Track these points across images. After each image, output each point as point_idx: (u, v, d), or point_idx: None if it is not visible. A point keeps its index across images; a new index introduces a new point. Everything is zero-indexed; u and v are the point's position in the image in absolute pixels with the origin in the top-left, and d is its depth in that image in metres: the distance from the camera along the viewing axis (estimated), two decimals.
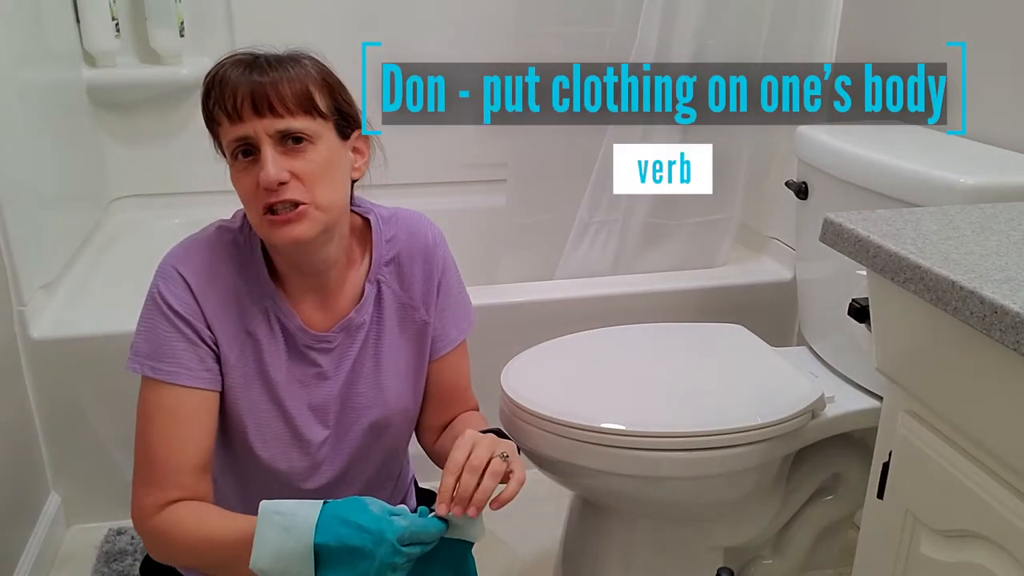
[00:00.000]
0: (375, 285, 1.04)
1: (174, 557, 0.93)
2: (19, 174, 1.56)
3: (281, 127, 0.90)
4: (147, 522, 0.92)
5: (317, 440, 1.03)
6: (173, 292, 0.94)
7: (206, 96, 0.93)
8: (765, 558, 1.56)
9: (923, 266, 0.78)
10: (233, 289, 0.97)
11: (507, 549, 1.71)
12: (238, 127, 0.90)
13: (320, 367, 1.01)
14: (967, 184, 1.20)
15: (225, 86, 0.91)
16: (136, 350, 0.94)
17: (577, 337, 1.52)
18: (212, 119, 0.93)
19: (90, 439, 1.67)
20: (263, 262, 0.99)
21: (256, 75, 0.91)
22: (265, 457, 1.01)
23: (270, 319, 0.99)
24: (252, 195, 0.92)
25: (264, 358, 0.98)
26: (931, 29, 1.55)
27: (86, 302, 1.73)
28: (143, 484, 0.93)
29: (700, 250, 2.03)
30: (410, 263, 1.06)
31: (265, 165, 0.89)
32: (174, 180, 2.20)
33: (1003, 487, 0.75)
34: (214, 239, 0.99)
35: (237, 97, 0.90)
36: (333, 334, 1.01)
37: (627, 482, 1.29)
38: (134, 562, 1.62)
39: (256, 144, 0.91)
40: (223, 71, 0.92)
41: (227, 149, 0.93)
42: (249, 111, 0.90)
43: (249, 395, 0.99)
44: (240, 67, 0.92)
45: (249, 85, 0.90)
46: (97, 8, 1.96)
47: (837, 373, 1.51)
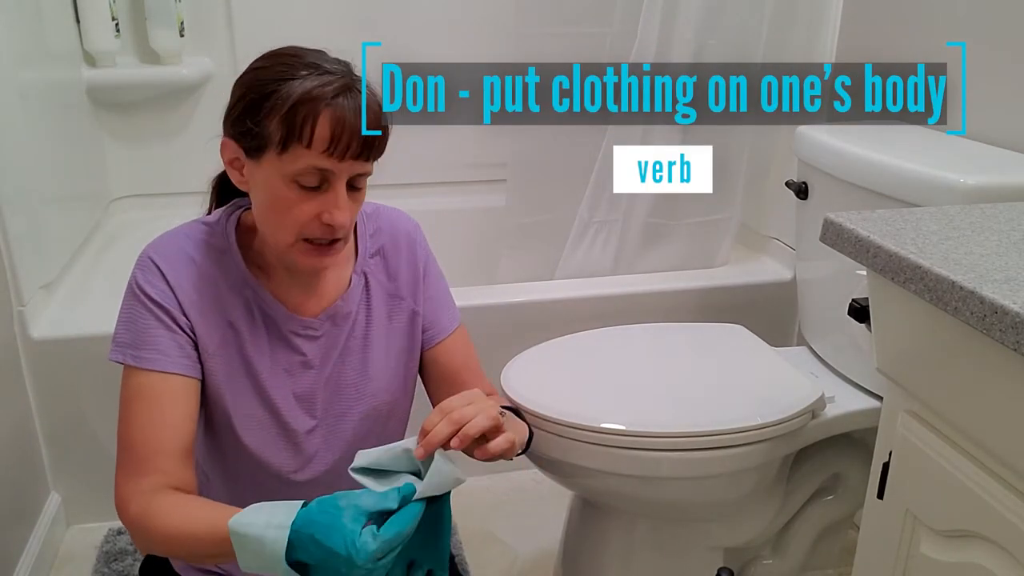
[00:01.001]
0: (362, 276, 1.05)
1: (158, 549, 0.92)
2: (19, 174, 1.56)
3: (361, 171, 0.91)
4: (130, 510, 0.90)
5: (303, 430, 1.03)
6: (149, 281, 0.94)
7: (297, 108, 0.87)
8: (765, 558, 1.56)
9: (923, 266, 0.78)
10: (210, 278, 0.97)
11: (507, 549, 1.71)
12: (327, 160, 0.88)
13: (304, 355, 1.02)
14: (967, 184, 1.20)
15: (338, 116, 0.87)
16: (117, 340, 0.95)
17: (577, 337, 1.52)
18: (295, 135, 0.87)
19: (90, 439, 1.67)
20: (239, 255, 0.99)
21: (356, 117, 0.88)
22: (252, 447, 1.01)
23: (251, 309, 0.99)
24: (303, 222, 0.90)
25: (246, 348, 0.99)
26: (931, 29, 1.55)
27: (86, 302, 1.73)
28: (124, 472, 0.92)
29: (700, 250, 2.03)
30: (395, 255, 1.07)
31: (341, 207, 0.90)
32: (174, 180, 2.19)
33: (1003, 487, 0.75)
34: (189, 232, 0.99)
35: (347, 134, 0.87)
36: (319, 322, 1.02)
37: (627, 482, 1.29)
38: (134, 562, 1.62)
39: (330, 179, 0.89)
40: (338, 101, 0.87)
41: (294, 171, 0.88)
42: (354, 154, 0.88)
43: (233, 385, 0.99)
44: (345, 95, 0.88)
45: (356, 126, 0.88)
46: (97, 8, 1.96)
47: (837, 373, 1.52)
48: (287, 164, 0.88)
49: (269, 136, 0.88)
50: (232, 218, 1.01)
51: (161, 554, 0.97)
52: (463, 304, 1.14)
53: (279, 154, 0.88)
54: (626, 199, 1.94)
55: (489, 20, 2.19)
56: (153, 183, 2.19)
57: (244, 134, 0.90)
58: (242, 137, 0.91)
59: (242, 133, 0.91)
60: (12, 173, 1.53)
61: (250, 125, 0.89)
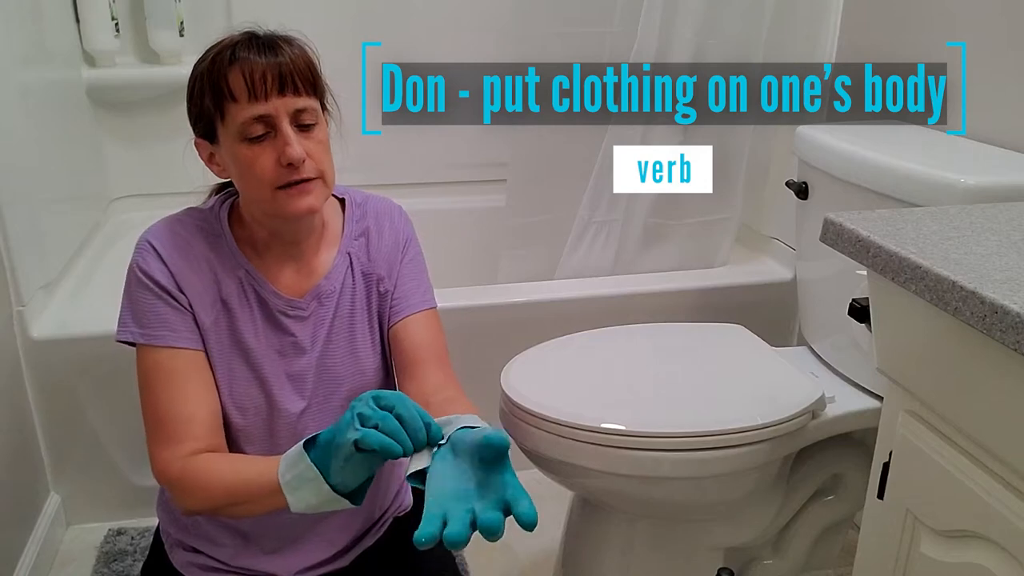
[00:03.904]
0: (346, 257, 1.07)
1: (203, 503, 0.94)
2: (19, 174, 1.56)
3: (300, 106, 0.94)
4: (171, 473, 0.94)
5: (294, 410, 1.04)
6: (147, 262, 0.98)
7: (212, 75, 0.94)
8: (765, 558, 1.56)
9: (923, 266, 0.78)
10: (204, 258, 1.01)
11: (507, 549, 1.71)
12: (258, 105, 0.92)
13: (295, 336, 1.03)
14: (967, 184, 1.20)
15: (251, 65, 0.92)
16: (123, 322, 0.98)
17: (577, 337, 1.52)
18: (220, 97, 0.93)
19: (90, 439, 1.67)
20: (232, 237, 1.03)
21: (272, 55, 0.93)
22: (241, 425, 1.02)
23: (244, 288, 1.02)
24: (268, 172, 0.94)
25: (238, 325, 1.01)
26: (931, 29, 1.55)
27: (86, 302, 1.73)
28: (158, 444, 0.96)
29: (700, 250, 2.03)
30: (378, 237, 1.09)
31: (290, 142, 0.93)
32: (174, 180, 2.16)
33: (1003, 487, 0.75)
34: (183, 218, 1.04)
35: (257, 74, 0.92)
36: (305, 302, 1.04)
37: (627, 482, 1.29)
38: (134, 562, 1.62)
39: (274, 123, 0.93)
40: (235, 51, 0.93)
41: (238, 129, 0.93)
42: (273, 89, 0.92)
43: (226, 362, 1.01)
44: (251, 46, 0.94)
45: (268, 63, 0.93)
46: (97, 8, 1.96)
47: (837, 373, 1.51)
48: (231, 127, 0.94)
49: (208, 111, 0.95)
50: (225, 205, 1.05)
51: (205, 510, 0.96)
52: (463, 304, 1.15)
53: (223, 122, 0.95)
54: (626, 199, 1.94)
55: (489, 20, 2.19)
56: (153, 183, 2.19)
57: (197, 123, 0.99)
58: (198, 127, 0.99)
59: (196, 124, 0.99)
60: (12, 173, 1.53)
61: (196, 112, 0.98)
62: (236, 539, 1.07)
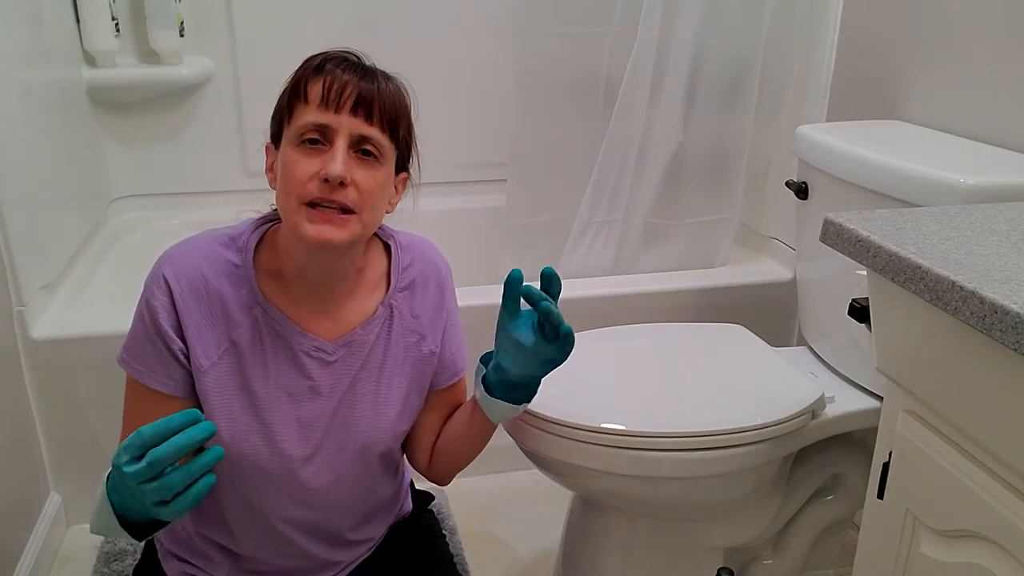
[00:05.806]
0: (388, 308, 1.02)
1: None
2: (19, 174, 1.56)
3: (365, 132, 0.90)
4: None
5: (297, 455, 1.00)
6: (156, 299, 0.94)
7: (297, 77, 0.93)
8: (765, 558, 1.56)
9: (923, 266, 0.78)
10: (218, 297, 0.96)
11: (507, 549, 1.71)
12: (325, 114, 0.89)
13: (312, 380, 0.99)
14: (967, 184, 1.20)
15: (334, 76, 0.90)
16: (124, 343, 0.97)
17: (577, 337, 1.52)
18: (295, 97, 0.92)
19: (90, 439, 1.67)
20: (253, 271, 0.97)
21: (360, 77, 0.91)
22: (240, 467, 0.98)
23: (259, 329, 0.97)
24: (303, 182, 0.89)
25: (246, 369, 0.96)
26: (931, 29, 1.55)
27: (86, 302, 1.73)
28: None
29: (700, 250, 2.03)
30: (423, 291, 1.05)
31: (336, 158, 0.88)
32: (174, 180, 2.19)
33: (1003, 487, 0.75)
34: (210, 246, 0.98)
35: (337, 85, 0.90)
36: (334, 347, 0.99)
37: (627, 482, 1.29)
38: (134, 562, 1.62)
39: (331, 137, 0.90)
40: (327, 62, 0.92)
41: (297, 131, 0.90)
42: (347, 105, 0.89)
43: (226, 403, 0.96)
44: (351, 68, 0.92)
45: (353, 81, 0.90)
46: (97, 8, 1.95)
47: (837, 373, 1.52)
48: (292, 128, 0.91)
49: (281, 110, 0.94)
50: (255, 233, 0.99)
51: None
52: (463, 304, 1.14)
53: (288, 123, 0.92)
54: (626, 199, 1.94)
55: (489, 20, 2.19)
56: (153, 183, 2.19)
57: (272, 123, 0.96)
58: (272, 128, 0.96)
59: (271, 124, 0.96)
60: (12, 173, 1.53)
61: (274, 112, 0.95)
62: (228, 558, 1.06)
